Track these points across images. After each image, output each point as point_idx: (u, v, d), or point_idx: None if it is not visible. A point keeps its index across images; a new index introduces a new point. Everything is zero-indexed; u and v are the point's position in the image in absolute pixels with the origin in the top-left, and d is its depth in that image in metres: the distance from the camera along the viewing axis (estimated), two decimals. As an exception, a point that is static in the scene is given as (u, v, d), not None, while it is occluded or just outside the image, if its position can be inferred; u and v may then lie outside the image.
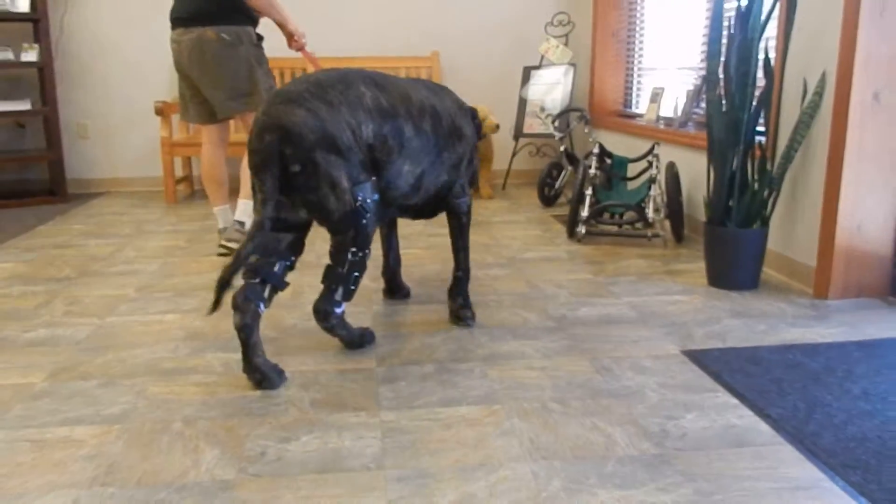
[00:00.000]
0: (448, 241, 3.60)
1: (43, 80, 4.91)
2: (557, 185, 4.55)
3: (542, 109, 4.99)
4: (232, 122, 3.55)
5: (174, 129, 4.96)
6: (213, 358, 2.15)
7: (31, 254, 3.40)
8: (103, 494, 1.46)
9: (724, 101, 2.78)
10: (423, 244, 3.55)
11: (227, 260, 1.90)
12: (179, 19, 3.15)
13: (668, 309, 2.58)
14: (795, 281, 2.89)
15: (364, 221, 1.99)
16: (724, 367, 2.09)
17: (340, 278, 2.03)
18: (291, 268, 2.07)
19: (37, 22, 4.82)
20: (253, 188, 1.94)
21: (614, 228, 3.68)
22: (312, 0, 5.16)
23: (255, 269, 1.98)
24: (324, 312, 2.06)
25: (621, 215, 3.73)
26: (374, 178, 2.02)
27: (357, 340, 2.20)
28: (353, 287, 2.06)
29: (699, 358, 2.16)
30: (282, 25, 3.24)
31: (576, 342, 2.27)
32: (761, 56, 3.13)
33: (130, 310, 2.60)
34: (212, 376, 2.02)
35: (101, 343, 2.28)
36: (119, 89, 5.19)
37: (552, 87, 5.08)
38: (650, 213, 3.50)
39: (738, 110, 2.74)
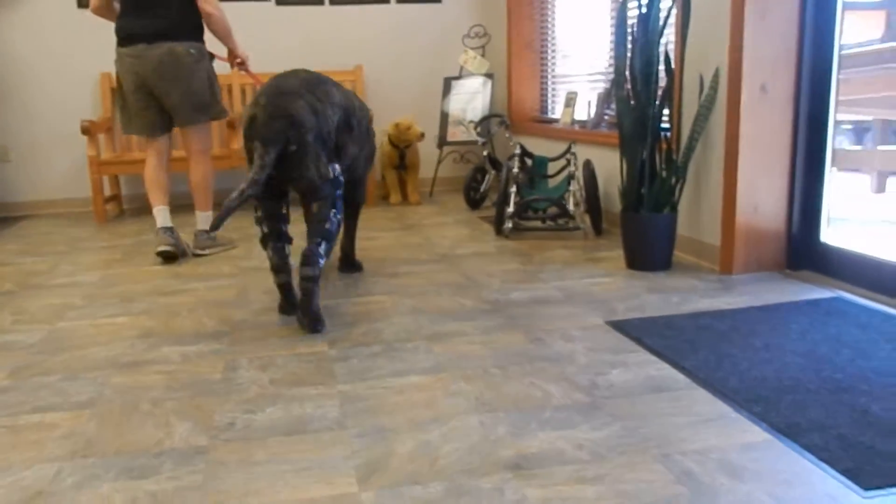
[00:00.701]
0: (362, 234, 3.77)
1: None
2: (482, 188, 4.77)
3: (465, 118, 5.23)
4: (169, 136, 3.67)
5: (101, 148, 4.97)
6: (170, 351, 2.26)
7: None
8: (84, 464, 1.57)
9: (631, 99, 3.05)
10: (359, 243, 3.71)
11: (233, 194, 2.29)
12: (138, 35, 3.36)
13: (592, 290, 2.81)
14: (703, 260, 3.17)
15: (339, 191, 2.50)
16: (644, 333, 2.32)
17: (326, 233, 2.43)
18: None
19: (-47, 45, 4.77)
20: (250, 160, 2.39)
21: (539, 224, 3.91)
22: (244, 18, 5.27)
23: (278, 235, 2.51)
24: (312, 258, 2.36)
25: (545, 210, 3.98)
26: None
27: (317, 311, 2.40)
28: (332, 244, 2.47)
29: (621, 326, 2.39)
30: (232, 49, 3.58)
31: (510, 320, 2.46)
32: (662, 56, 3.43)
33: (79, 315, 2.66)
34: (171, 366, 2.13)
35: (56, 345, 2.35)
36: (40, 112, 5.16)
37: (472, 97, 5.33)
38: (570, 206, 3.75)
39: (645, 106, 3.01)
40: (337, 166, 2.50)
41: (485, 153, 4.71)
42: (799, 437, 1.61)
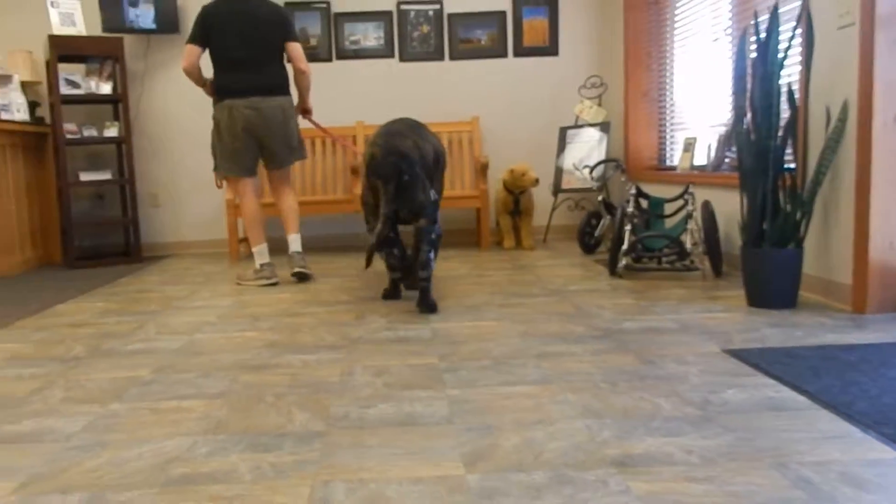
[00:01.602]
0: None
1: (121, 153, 5.38)
2: (597, 233, 4.77)
3: (580, 164, 5.27)
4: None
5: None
6: (293, 358, 2.40)
7: (118, 297, 3.72)
8: (216, 440, 1.69)
9: (751, 133, 3.02)
10: (472, 281, 3.79)
11: (371, 240, 3.03)
12: (255, 88, 3.85)
13: (708, 322, 2.75)
14: (832, 300, 3.04)
15: (437, 210, 3.09)
16: (763, 360, 2.25)
17: (433, 242, 3.05)
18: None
19: (117, 102, 5.33)
20: (374, 195, 3.09)
21: (654, 264, 3.87)
22: (365, 72, 5.60)
23: (390, 244, 3.18)
24: (425, 263, 3.02)
25: (660, 251, 3.92)
26: None
27: (432, 301, 3.06)
28: (437, 251, 3.11)
29: (739, 354, 2.32)
30: (306, 101, 4.09)
31: (621, 345, 2.46)
32: (784, 88, 3.37)
33: (213, 330, 2.87)
34: (293, 369, 2.26)
35: (193, 351, 2.54)
36: (185, 161, 5.64)
37: (587, 147, 5.38)
38: (688, 244, 3.70)
39: (765, 139, 2.97)
40: (432, 192, 3.07)
41: (600, 198, 4.73)
42: (929, 452, 1.53)
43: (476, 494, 1.39)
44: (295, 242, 4.00)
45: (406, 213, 3.05)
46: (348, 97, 5.67)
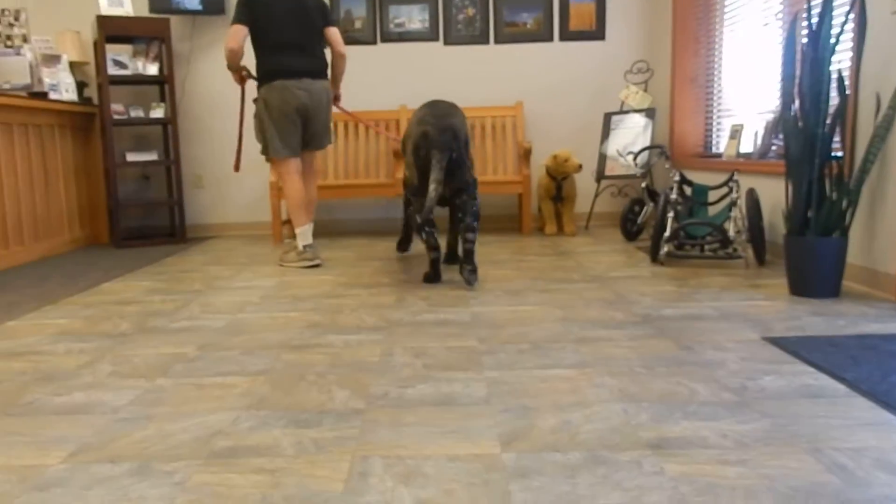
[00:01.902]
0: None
1: (166, 134, 5.50)
2: (640, 220, 4.74)
3: (625, 151, 5.23)
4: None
5: (282, 176, 5.42)
6: (334, 338, 2.45)
7: (163, 276, 3.82)
8: (258, 415, 1.75)
9: (799, 120, 2.97)
10: (512, 266, 3.80)
11: (418, 215, 3.24)
12: (305, 71, 3.92)
13: (749, 311, 2.73)
14: (878, 290, 2.99)
15: (476, 185, 3.36)
16: (803, 348, 2.23)
17: (475, 214, 3.31)
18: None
19: (163, 83, 5.43)
20: (416, 165, 3.27)
21: (696, 252, 3.84)
22: (409, 56, 5.62)
23: (431, 224, 3.32)
24: (471, 229, 3.27)
25: (703, 238, 3.89)
26: None
27: (475, 264, 3.29)
28: (478, 221, 3.34)
29: (779, 342, 2.31)
30: (338, 87, 4.20)
31: (660, 331, 2.45)
32: (833, 74, 3.31)
33: (256, 310, 2.94)
34: (334, 349, 2.31)
35: (236, 330, 2.61)
36: (229, 143, 5.73)
37: (632, 133, 5.33)
38: (731, 232, 3.66)
39: (813, 126, 2.92)
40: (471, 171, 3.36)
41: (643, 185, 4.69)
42: (971, 444, 1.51)
43: (512, 472, 1.42)
44: (306, 234, 4.01)
45: (450, 190, 3.35)
46: (392, 81, 5.70)
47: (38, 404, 1.90)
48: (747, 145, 4.47)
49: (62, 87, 4.99)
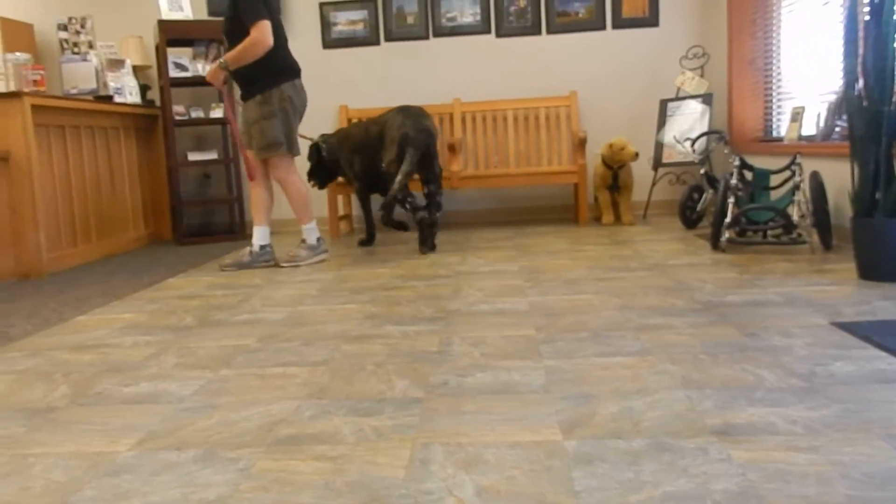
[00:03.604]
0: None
1: (226, 134, 5.60)
2: (699, 207, 4.64)
3: (682, 137, 5.13)
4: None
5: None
6: (392, 329, 2.46)
7: (224, 272, 3.90)
8: (319, 404, 1.77)
9: (863, 99, 2.86)
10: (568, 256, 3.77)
11: (392, 192, 3.83)
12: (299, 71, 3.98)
13: (816, 296, 2.65)
14: (952, 273, 2.86)
15: (441, 174, 4.15)
16: (874, 333, 2.15)
17: (439, 204, 4.12)
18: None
19: (221, 85, 5.53)
20: (398, 162, 3.92)
21: (759, 238, 3.74)
22: (461, 49, 5.62)
23: (408, 194, 3.98)
24: (438, 206, 4.12)
25: (765, 223, 3.77)
26: None
27: (434, 243, 4.19)
28: (441, 209, 4.17)
29: (848, 327, 2.23)
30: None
31: (722, 318, 2.40)
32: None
33: (315, 302, 2.98)
34: (393, 340, 2.33)
35: (295, 321, 2.65)
36: (288, 140, 5.79)
37: (689, 120, 5.22)
38: (795, 217, 3.55)
39: (878, 104, 2.81)
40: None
41: (702, 171, 4.59)
42: None
43: (573, 459, 1.41)
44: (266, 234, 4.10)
45: (423, 177, 4.10)
46: (445, 74, 5.70)
47: (107, 394, 1.96)
48: (809, 128, 4.33)
49: (126, 90, 5.14)
